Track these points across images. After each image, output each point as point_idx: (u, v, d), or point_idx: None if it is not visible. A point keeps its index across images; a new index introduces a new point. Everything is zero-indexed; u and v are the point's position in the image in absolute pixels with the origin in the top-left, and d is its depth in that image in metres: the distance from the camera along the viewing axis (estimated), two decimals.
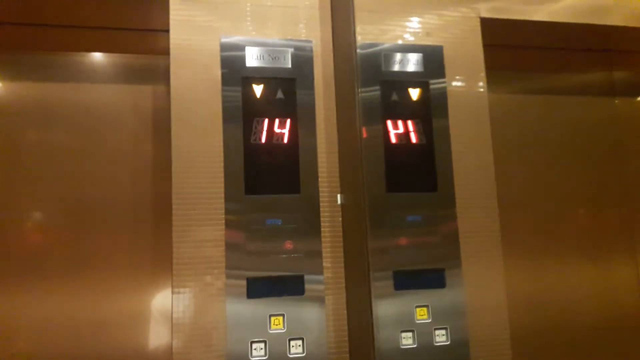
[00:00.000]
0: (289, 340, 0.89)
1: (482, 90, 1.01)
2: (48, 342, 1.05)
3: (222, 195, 0.92)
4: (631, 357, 1.32)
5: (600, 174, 1.40)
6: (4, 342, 1.04)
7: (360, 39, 0.96)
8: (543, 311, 1.29)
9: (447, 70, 1.00)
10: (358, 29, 0.96)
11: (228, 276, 0.90)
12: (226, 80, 0.95)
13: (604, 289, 1.35)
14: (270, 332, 0.89)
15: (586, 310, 1.32)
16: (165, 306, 1.09)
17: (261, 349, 0.88)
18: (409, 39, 1.00)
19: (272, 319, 0.90)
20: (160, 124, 1.15)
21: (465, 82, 1.01)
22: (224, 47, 0.96)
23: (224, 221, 0.91)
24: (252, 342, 0.88)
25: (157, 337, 1.10)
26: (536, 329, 1.27)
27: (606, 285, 1.35)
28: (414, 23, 1.00)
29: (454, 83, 1.00)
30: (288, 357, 0.89)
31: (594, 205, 1.39)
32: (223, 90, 0.95)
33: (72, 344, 1.06)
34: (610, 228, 1.39)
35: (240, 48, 0.97)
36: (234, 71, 0.96)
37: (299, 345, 0.90)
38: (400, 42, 0.99)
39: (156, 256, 1.11)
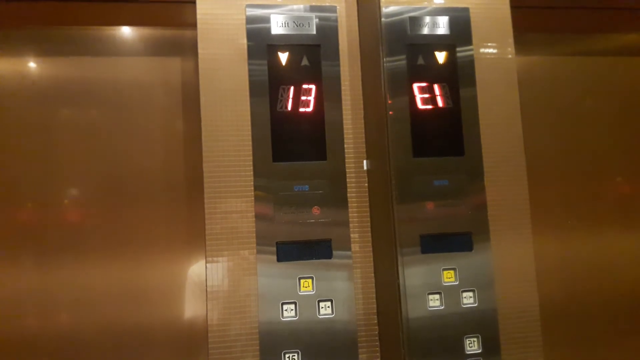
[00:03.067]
0: (318, 301, 0.92)
1: (510, 53, 0.99)
2: (88, 313, 1.08)
3: (251, 163, 0.94)
4: None
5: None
6: (48, 314, 1.08)
7: (384, 0, 0.95)
8: (579, 278, 1.27)
9: (474, 33, 0.98)
10: None
11: (258, 241, 0.92)
12: (252, 48, 0.96)
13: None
14: (300, 294, 0.92)
15: (622, 278, 1.30)
16: (200, 275, 1.11)
17: (292, 310, 0.91)
18: (435, 1, 0.98)
19: (302, 281, 0.92)
20: (189, 96, 1.16)
21: (492, 45, 0.98)
22: (249, 16, 0.97)
23: (253, 188, 0.93)
24: (282, 304, 0.91)
25: (193, 307, 1.13)
26: (571, 295, 1.26)
27: None
28: None
29: (481, 46, 0.98)
30: (318, 317, 0.92)
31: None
32: (249, 58, 0.96)
33: (111, 314, 1.09)
34: None
35: (266, 15, 0.97)
36: (259, 39, 0.96)
37: (328, 307, 0.92)
38: (425, 4, 0.97)
39: (190, 228, 1.13)
